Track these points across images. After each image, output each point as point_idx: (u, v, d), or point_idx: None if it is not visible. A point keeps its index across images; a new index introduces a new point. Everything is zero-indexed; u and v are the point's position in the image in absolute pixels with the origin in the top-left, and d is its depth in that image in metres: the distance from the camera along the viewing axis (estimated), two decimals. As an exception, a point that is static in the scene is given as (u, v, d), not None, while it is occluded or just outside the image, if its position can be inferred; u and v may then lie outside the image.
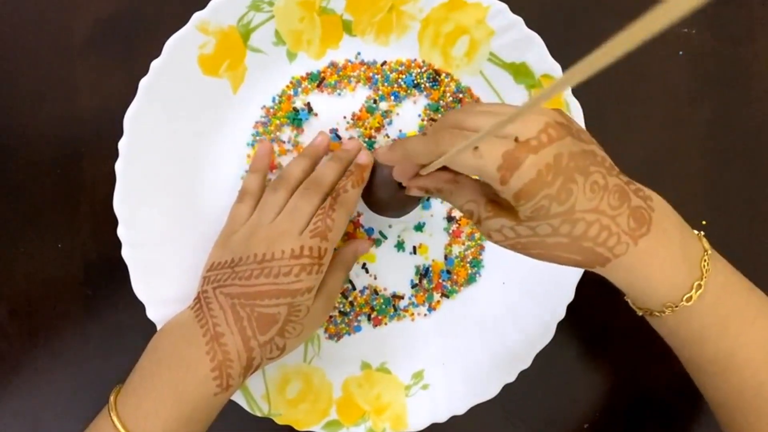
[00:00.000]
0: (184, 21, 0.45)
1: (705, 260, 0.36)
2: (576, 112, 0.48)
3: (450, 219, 0.51)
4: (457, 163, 0.35)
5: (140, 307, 0.45)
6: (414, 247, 0.50)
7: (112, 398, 0.39)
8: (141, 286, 0.45)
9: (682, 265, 0.36)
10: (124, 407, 0.38)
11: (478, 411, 0.48)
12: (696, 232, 0.39)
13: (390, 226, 0.50)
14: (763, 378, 0.37)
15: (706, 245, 0.38)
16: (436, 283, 0.51)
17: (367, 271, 0.50)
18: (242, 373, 0.40)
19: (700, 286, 0.35)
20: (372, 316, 0.50)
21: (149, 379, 0.39)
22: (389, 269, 0.50)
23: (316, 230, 0.41)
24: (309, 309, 0.41)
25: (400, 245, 0.50)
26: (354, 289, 0.50)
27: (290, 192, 0.45)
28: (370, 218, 0.49)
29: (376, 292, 0.50)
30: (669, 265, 0.35)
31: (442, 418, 0.48)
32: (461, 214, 0.50)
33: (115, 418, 0.38)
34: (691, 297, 0.35)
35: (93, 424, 0.40)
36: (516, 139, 0.33)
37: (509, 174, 0.32)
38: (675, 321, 0.37)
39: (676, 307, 0.36)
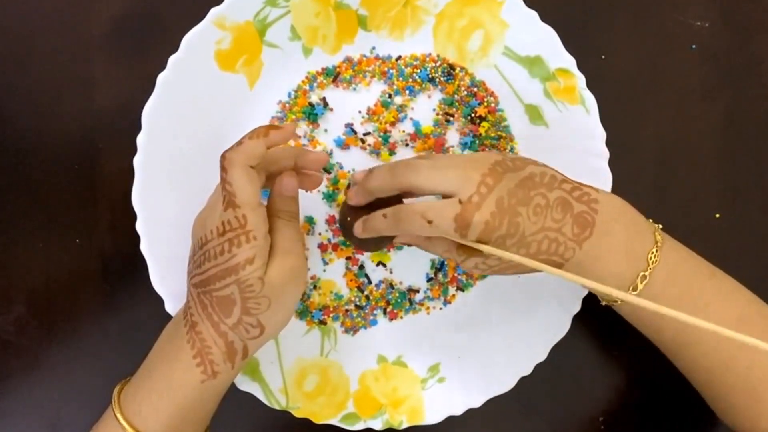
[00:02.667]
0: (198, 17, 0.46)
1: (653, 252, 0.40)
2: (591, 105, 0.48)
3: (465, 213, 0.51)
4: (422, 234, 0.40)
5: (158, 301, 0.46)
6: (429, 241, 0.50)
7: (116, 391, 0.41)
8: (159, 280, 0.46)
9: (624, 259, 0.40)
10: (126, 399, 0.40)
11: (494, 404, 0.48)
12: (655, 225, 0.42)
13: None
14: (725, 356, 0.41)
15: (659, 237, 0.41)
16: (451, 276, 0.51)
17: (384, 266, 0.50)
18: (227, 359, 0.40)
19: (645, 277, 0.40)
20: (388, 310, 0.51)
21: (146, 371, 0.41)
22: (405, 263, 0.51)
23: (224, 201, 0.39)
24: (263, 279, 0.39)
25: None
26: (370, 283, 0.50)
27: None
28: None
29: (391, 286, 0.51)
30: (613, 261, 0.40)
31: (458, 411, 0.48)
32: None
33: (116, 410, 0.40)
34: (636, 286, 0.40)
35: (101, 418, 0.41)
36: (460, 201, 0.38)
37: (465, 231, 0.38)
38: (629, 309, 0.43)
39: (635, 290, 0.40)
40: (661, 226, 0.43)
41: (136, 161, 0.45)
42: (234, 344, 0.40)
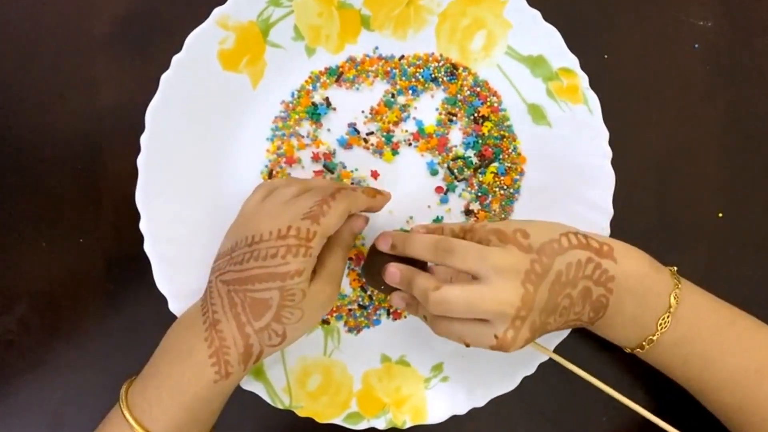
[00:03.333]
0: (202, 17, 0.46)
1: (664, 318, 0.43)
2: (593, 104, 0.48)
3: (468, 212, 0.51)
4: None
5: (162, 301, 0.46)
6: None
7: (123, 390, 0.41)
8: (163, 280, 0.46)
9: (632, 330, 0.43)
10: (134, 398, 0.40)
11: (497, 403, 0.48)
12: (673, 283, 0.43)
13: (408, 220, 0.50)
14: (739, 397, 0.43)
15: (673, 301, 0.43)
16: (454, 276, 0.51)
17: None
18: (241, 361, 0.40)
19: (652, 341, 0.43)
20: (391, 310, 0.51)
21: (155, 369, 0.41)
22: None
23: (309, 213, 0.41)
24: (305, 293, 0.40)
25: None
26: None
27: (303, 191, 0.44)
28: (387, 222, 0.50)
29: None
30: (620, 332, 0.44)
31: (461, 410, 0.48)
32: (479, 208, 0.50)
33: (124, 409, 0.39)
34: (643, 346, 0.44)
35: (108, 417, 0.41)
36: (496, 336, 0.39)
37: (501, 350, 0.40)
38: (654, 357, 0.45)
39: (642, 349, 0.44)
40: (676, 268, 0.45)
41: (140, 161, 0.45)
42: (252, 347, 0.40)
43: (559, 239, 0.40)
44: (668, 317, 0.42)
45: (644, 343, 0.43)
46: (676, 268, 0.45)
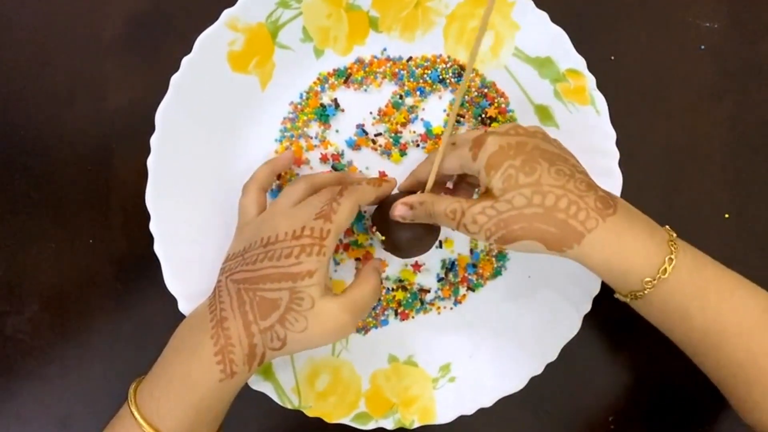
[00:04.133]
0: (211, 19, 0.46)
1: (671, 242, 0.39)
2: (601, 105, 0.48)
3: (475, 213, 0.51)
4: (444, 164, 0.43)
5: (171, 301, 0.46)
6: (440, 242, 0.51)
7: (132, 389, 0.41)
8: (173, 280, 0.46)
9: (650, 241, 0.39)
10: (143, 396, 0.40)
11: (505, 403, 0.48)
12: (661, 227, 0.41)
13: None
14: (755, 347, 0.39)
15: (671, 232, 0.41)
16: (461, 276, 0.51)
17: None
18: (246, 361, 0.39)
19: (671, 260, 0.38)
20: (399, 310, 0.51)
21: (162, 368, 0.41)
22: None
23: (320, 213, 0.41)
24: (314, 300, 0.40)
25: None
26: (381, 282, 0.50)
27: (311, 190, 0.45)
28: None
29: (404, 287, 0.51)
30: (639, 242, 0.38)
31: (469, 410, 0.48)
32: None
33: (133, 408, 0.39)
34: (666, 269, 0.38)
35: (117, 416, 0.41)
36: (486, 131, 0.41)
37: (477, 150, 0.40)
38: (657, 298, 0.39)
39: (655, 281, 0.38)
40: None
41: (150, 162, 0.45)
42: (256, 348, 0.40)
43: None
44: (674, 242, 0.39)
45: (666, 265, 0.38)
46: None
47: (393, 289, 0.51)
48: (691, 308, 0.39)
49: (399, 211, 0.43)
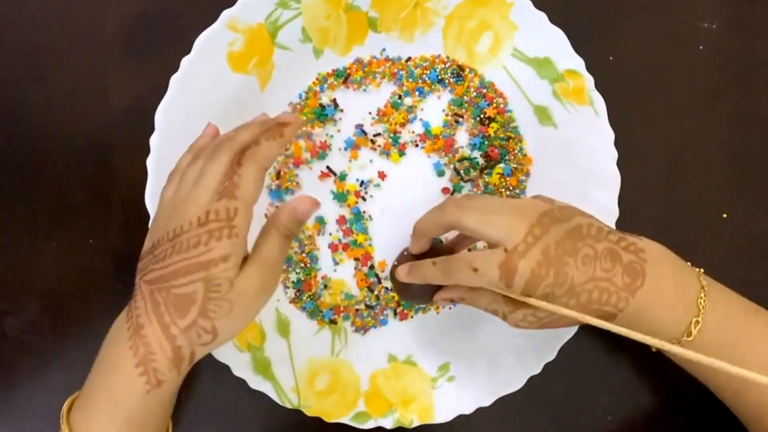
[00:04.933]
0: (210, 19, 0.46)
1: (701, 298, 0.40)
2: (599, 106, 0.48)
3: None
4: (468, 284, 0.41)
5: (171, 300, 0.46)
6: (441, 241, 0.51)
7: (66, 406, 0.39)
8: (172, 279, 0.46)
9: (678, 306, 0.40)
10: (75, 415, 0.38)
11: (503, 402, 0.48)
12: (696, 269, 0.42)
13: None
14: None
15: (704, 282, 0.41)
16: (460, 276, 0.51)
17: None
18: (172, 367, 0.36)
19: (698, 322, 0.40)
20: (398, 310, 0.51)
21: (91, 383, 0.38)
22: (414, 263, 0.51)
23: (222, 191, 0.37)
24: (232, 281, 0.36)
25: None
26: (380, 282, 0.51)
27: (201, 160, 0.40)
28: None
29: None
30: (667, 310, 0.40)
31: (468, 410, 0.49)
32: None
33: (65, 427, 0.38)
34: (690, 332, 0.40)
35: None
36: (505, 249, 0.38)
37: (510, 280, 0.38)
38: (691, 350, 0.40)
39: (679, 343, 0.40)
40: (702, 270, 0.43)
41: (149, 162, 0.46)
42: (182, 350, 0.36)
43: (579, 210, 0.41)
44: (704, 297, 0.40)
45: (691, 328, 0.39)
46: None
47: (392, 289, 0.51)
48: (716, 365, 0.39)
49: (440, 298, 0.44)
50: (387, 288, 0.51)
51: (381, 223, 0.51)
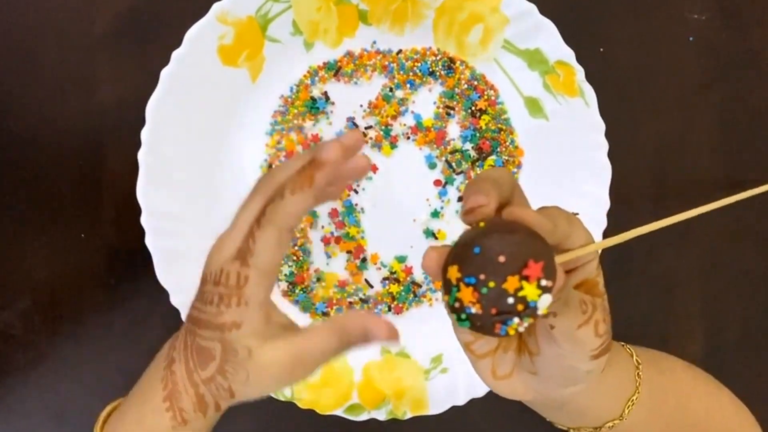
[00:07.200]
0: (201, 13, 0.46)
1: (638, 372, 0.41)
2: (590, 97, 0.48)
3: (466, 205, 0.51)
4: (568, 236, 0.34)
5: (163, 295, 0.46)
6: (433, 234, 0.51)
7: (104, 414, 0.38)
8: (164, 273, 0.46)
9: (622, 385, 0.40)
10: (108, 427, 0.37)
11: (496, 394, 0.48)
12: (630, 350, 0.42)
13: (414, 220, 0.51)
14: None
15: (638, 363, 0.41)
16: (453, 268, 0.51)
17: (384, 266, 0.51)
18: (197, 410, 0.34)
19: (632, 402, 0.40)
20: (393, 305, 0.51)
21: (127, 405, 0.37)
22: (413, 259, 0.51)
23: (237, 252, 0.33)
24: (251, 351, 0.33)
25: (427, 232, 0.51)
26: (372, 287, 0.51)
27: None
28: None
29: (397, 280, 0.51)
30: (611, 392, 0.40)
31: (461, 401, 0.49)
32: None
33: None
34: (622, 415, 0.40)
35: None
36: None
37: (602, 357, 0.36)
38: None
39: (612, 424, 0.40)
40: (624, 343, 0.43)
41: (140, 156, 0.45)
42: (205, 398, 0.34)
43: None
44: (639, 373, 0.41)
45: (629, 403, 0.40)
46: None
47: (386, 279, 0.51)
48: None
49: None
50: (384, 282, 0.51)
51: (373, 216, 0.51)
